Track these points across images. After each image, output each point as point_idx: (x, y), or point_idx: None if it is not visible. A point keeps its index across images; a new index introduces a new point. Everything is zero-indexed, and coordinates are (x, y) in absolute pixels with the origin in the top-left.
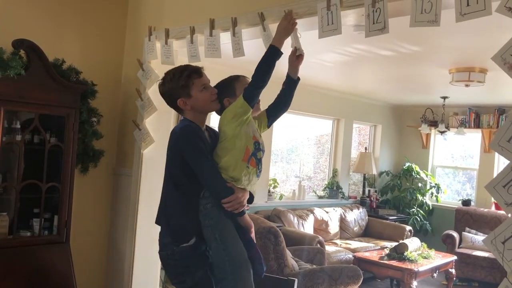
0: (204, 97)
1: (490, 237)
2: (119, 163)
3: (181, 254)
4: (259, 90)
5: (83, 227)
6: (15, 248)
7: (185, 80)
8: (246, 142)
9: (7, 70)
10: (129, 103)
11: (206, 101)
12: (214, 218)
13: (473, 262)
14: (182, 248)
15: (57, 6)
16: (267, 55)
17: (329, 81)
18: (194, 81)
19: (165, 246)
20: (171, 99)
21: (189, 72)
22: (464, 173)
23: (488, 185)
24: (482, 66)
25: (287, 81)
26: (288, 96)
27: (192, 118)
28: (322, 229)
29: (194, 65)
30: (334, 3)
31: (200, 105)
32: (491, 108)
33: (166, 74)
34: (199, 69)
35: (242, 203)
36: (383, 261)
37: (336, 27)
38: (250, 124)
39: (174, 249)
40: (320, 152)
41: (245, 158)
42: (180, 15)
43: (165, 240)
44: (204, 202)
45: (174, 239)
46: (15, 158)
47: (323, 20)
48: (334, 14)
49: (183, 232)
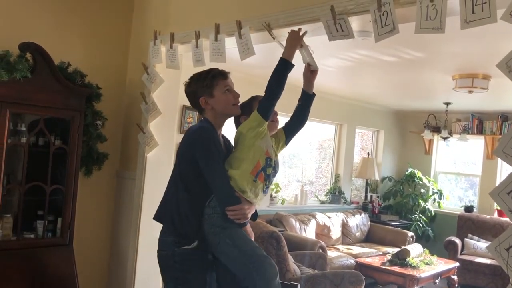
0: (226, 99)
1: (494, 244)
2: (123, 166)
3: (181, 256)
4: (272, 102)
5: (86, 229)
6: (18, 250)
7: (210, 80)
8: (258, 155)
9: (14, 73)
10: (133, 107)
11: (228, 103)
12: (220, 227)
13: (475, 268)
14: (184, 250)
15: (63, 10)
16: (277, 68)
17: (332, 86)
18: (218, 81)
19: (166, 246)
20: (194, 97)
21: (214, 73)
22: (466, 179)
23: (492, 192)
24: (485, 73)
25: (302, 97)
26: (305, 111)
27: (212, 119)
28: (324, 234)
29: (221, 69)
30: (341, 18)
31: (221, 107)
32: (494, 115)
33: (193, 75)
34: (225, 72)
35: (246, 215)
36: (385, 267)
37: (347, 33)
38: (265, 139)
39: (176, 250)
40: (322, 157)
41: (254, 171)
42: (185, 19)
43: (168, 239)
44: (210, 211)
45: (177, 240)
46: (20, 160)
47: (331, 29)
48: (343, 24)
49: (187, 233)
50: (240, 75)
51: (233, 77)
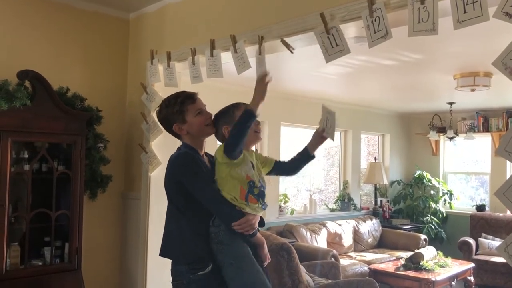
0: (199, 122)
1: (503, 246)
2: (127, 187)
3: (197, 283)
4: (236, 148)
5: (94, 253)
6: (27, 278)
7: (180, 106)
8: (238, 183)
9: (13, 101)
10: (134, 127)
11: (201, 125)
12: (227, 244)
13: (492, 268)
14: (200, 276)
15: (58, 35)
16: (242, 117)
17: (334, 93)
18: (188, 107)
19: (180, 275)
20: (167, 125)
21: (182, 98)
22: (476, 178)
23: (497, 192)
24: (486, 70)
25: (302, 153)
26: (298, 167)
27: (191, 142)
28: (336, 242)
29: (188, 91)
30: (333, 25)
31: (195, 130)
32: (499, 111)
33: (162, 101)
34: (192, 95)
35: (253, 226)
36: (399, 272)
37: (342, 48)
38: (242, 165)
39: (191, 277)
40: (330, 164)
41: (242, 196)
42: (181, 37)
43: (180, 268)
44: (215, 230)
45: (190, 267)
46: (24, 188)
47: (326, 44)
48: (336, 36)
49: (198, 259)
50: (238, 88)
51: (233, 92)
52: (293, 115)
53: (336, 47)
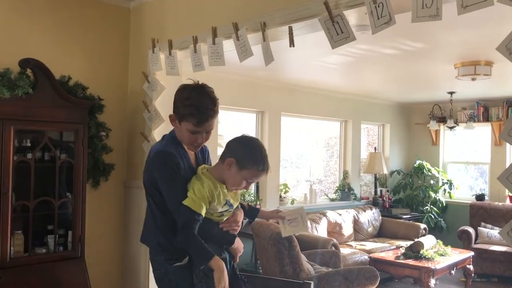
0: (187, 137)
1: (506, 229)
2: (130, 176)
3: (174, 274)
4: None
5: (97, 241)
6: (31, 265)
7: (184, 110)
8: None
9: (15, 90)
10: (136, 116)
11: (187, 140)
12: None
13: (491, 257)
14: (176, 268)
15: (60, 24)
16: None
17: (334, 83)
18: (189, 119)
19: (158, 264)
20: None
21: (192, 110)
22: (476, 168)
23: (500, 176)
24: (487, 59)
25: (249, 210)
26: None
27: (178, 135)
28: (336, 231)
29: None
30: (337, 13)
31: (180, 137)
32: (500, 101)
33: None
34: (203, 117)
35: (238, 223)
36: (399, 261)
37: (348, 35)
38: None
39: (168, 268)
40: (330, 155)
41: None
42: (182, 25)
43: (158, 258)
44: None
45: (167, 258)
46: (27, 176)
47: (331, 31)
48: (341, 24)
49: (174, 251)
50: (241, 79)
51: (234, 81)
52: (293, 105)
53: (341, 34)
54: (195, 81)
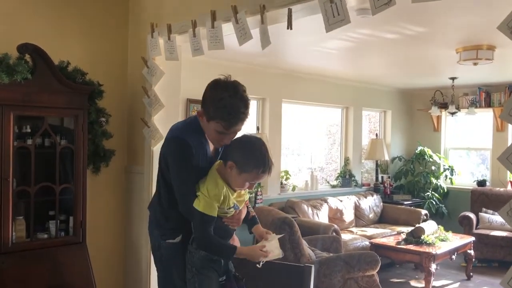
0: (212, 135)
1: (506, 209)
2: (130, 161)
3: (166, 250)
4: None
5: (98, 226)
6: (33, 250)
7: (214, 112)
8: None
9: (14, 75)
10: (136, 101)
11: (212, 138)
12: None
13: (492, 242)
14: (169, 244)
15: (58, 9)
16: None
17: (335, 69)
18: (218, 120)
19: (153, 237)
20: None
21: (222, 114)
22: (477, 154)
23: (500, 156)
24: (489, 43)
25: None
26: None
27: (204, 128)
28: (337, 218)
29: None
30: None
31: (205, 131)
32: (502, 86)
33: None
34: (234, 121)
35: (240, 220)
36: (400, 246)
37: (343, 17)
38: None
39: (161, 243)
40: (331, 143)
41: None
42: (181, 9)
43: (154, 232)
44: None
45: (161, 233)
46: (27, 162)
47: (328, 13)
48: (339, 5)
49: (169, 228)
50: (241, 66)
51: (234, 68)
52: (294, 92)
53: (338, 16)
54: (226, 76)
